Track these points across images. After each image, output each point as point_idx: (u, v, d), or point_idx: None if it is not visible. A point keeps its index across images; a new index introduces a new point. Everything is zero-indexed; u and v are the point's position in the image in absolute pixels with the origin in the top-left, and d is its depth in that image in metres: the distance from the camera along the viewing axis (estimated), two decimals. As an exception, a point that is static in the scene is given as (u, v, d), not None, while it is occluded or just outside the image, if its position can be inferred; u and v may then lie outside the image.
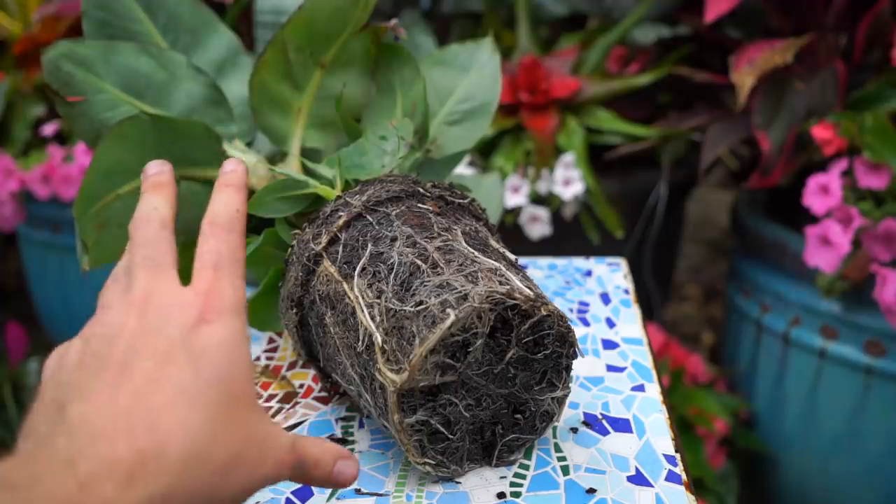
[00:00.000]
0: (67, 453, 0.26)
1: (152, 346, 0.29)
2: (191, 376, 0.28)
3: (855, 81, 1.08)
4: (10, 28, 1.42)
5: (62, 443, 0.26)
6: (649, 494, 0.41)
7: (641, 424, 0.47)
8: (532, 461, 0.43)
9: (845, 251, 0.90)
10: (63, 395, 0.28)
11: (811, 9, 1.11)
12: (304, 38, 0.54)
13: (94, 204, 0.50)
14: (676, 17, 1.30)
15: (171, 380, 0.28)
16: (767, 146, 1.02)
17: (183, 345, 0.29)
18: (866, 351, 0.97)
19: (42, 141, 1.35)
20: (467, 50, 0.63)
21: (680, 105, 1.34)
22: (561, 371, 0.43)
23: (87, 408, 0.27)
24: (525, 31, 1.36)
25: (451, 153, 0.59)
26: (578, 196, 1.15)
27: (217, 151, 0.55)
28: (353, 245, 0.44)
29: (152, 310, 0.30)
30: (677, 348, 1.16)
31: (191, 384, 0.28)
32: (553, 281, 0.67)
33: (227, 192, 0.37)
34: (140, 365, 0.28)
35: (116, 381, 0.28)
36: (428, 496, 0.41)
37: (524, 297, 0.39)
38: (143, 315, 0.30)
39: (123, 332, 0.30)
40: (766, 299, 1.09)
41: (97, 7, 0.58)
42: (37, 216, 1.34)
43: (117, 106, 0.55)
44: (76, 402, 0.27)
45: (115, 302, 0.32)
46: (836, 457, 1.05)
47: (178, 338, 0.29)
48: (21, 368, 1.41)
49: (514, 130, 1.22)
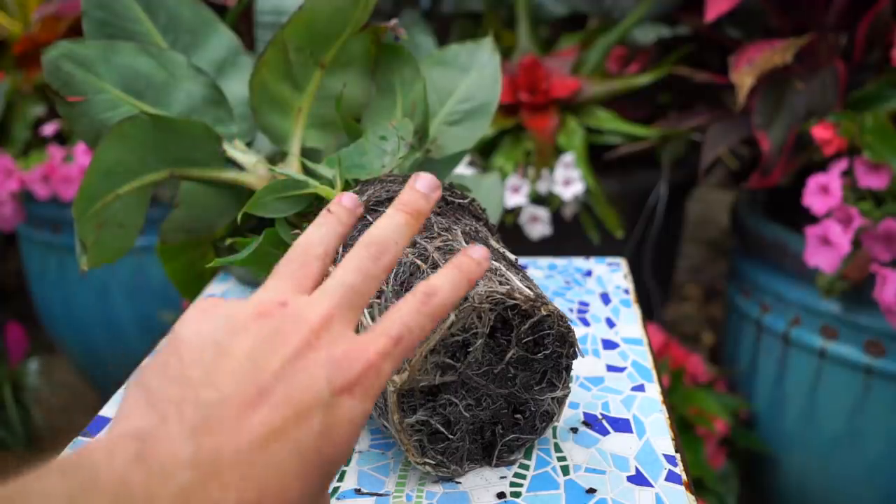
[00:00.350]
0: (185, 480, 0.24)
1: (299, 391, 0.27)
2: (313, 444, 0.27)
3: (855, 81, 1.08)
4: (10, 28, 1.42)
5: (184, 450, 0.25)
6: (649, 494, 0.41)
7: (641, 424, 0.47)
8: (532, 461, 0.43)
9: (845, 251, 0.90)
10: (200, 380, 0.27)
11: (811, 9, 1.11)
12: (304, 38, 0.54)
13: (93, 204, 0.50)
14: (676, 17, 1.30)
15: (297, 439, 0.27)
16: (767, 146, 1.02)
17: (324, 407, 0.27)
18: (866, 351, 0.97)
19: (42, 141, 1.35)
20: (467, 50, 0.63)
21: (680, 105, 1.34)
22: (561, 371, 0.43)
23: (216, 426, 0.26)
24: (525, 31, 1.36)
25: (451, 153, 0.59)
26: (578, 196, 1.15)
27: (217, 151, 0.55)
28: (352, 245, 0.44)
29: (322, 346, 0.29)
30: (677, 348, 1.16)
31: (309, 452, 0.27)
32: (553, 281, 0.67)
33: (460, 277, 0.32)
34: (280, 406, 0.27)
35: (251, 407, 0.27)
36: (428, 496, 0.41)
37: (524, 297, 0.39)
38: (310, 347, 0.28)
39: (284, 351, 0.28)
40: (766, 299, 1.09)
41: (97, 7, 0.58)
42: (37, 216, 1.34)
43: (117, 106, 0.55)
44: (211, 410, 0.26)
45: (298, 305, 0.30)
46: (836, 457, 1.05)
47: (324, 398, 0.28)
48: (21, 368, 1.41)
49: (514, 130, 1.22)
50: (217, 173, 0.56)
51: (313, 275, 0.32)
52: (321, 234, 0.33)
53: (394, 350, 0.29)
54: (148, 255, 1.24)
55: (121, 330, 1.37)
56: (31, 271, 1.43)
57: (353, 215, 0.35)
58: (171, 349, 0.29)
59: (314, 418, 0.27)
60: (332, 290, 0.30)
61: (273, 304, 0.30)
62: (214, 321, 0.29)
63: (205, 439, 0.25)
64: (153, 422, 0.26)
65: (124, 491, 0.23)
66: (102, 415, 0.49)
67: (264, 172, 0.55)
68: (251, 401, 0.27)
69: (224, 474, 0.25)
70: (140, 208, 0.55)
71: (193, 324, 0.29)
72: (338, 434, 0.28)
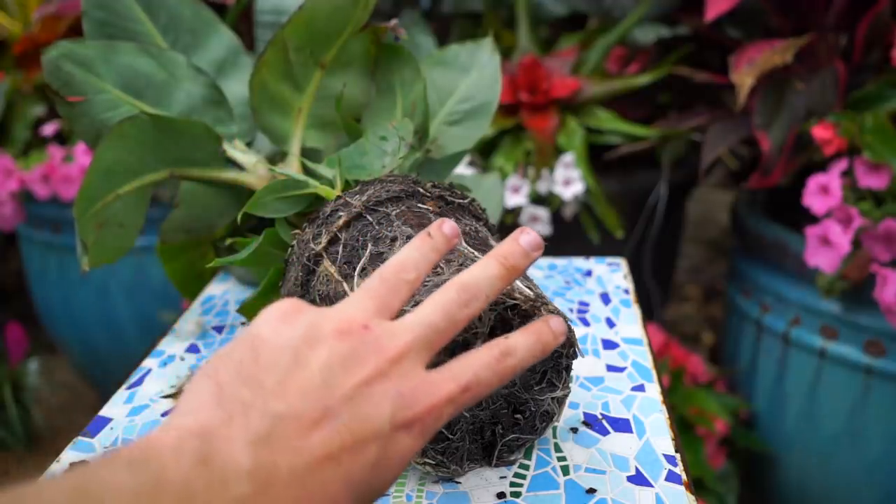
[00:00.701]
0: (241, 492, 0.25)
1: (362, 419, 0.27)
2: (364, 475, 0.27)
3: (855, 81, 1.08)
4: (10, 28, 1.42)
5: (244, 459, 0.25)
6: (649, 494, 0.41)
7: (641, 424, 0.47)
8: (532, 461, 0.43)
9: (845, 251, 0.90)
10: (272, 388, 0.27)
11: (811, 9, 1.11)
12: (304, 38, 0.54)
13: (94, 204, 0.50)
14: (676, 17, 1.30)
15: (350, 467, 0.27)
16: (767, 146, 1.02)
17: (381, 439, 0.28)
18: (866, 351, 0.97)
19: (42, 141, 1.35)
20: (467, 50, 0.63)
21: (680, 105, 1.34)
22: (561, 371, 0.43)
23: (277, 441, 0.26)
24: (525, 31, 1.36)
25: (451, 153, 0.59)
26: (578, 196, 1.15)
27: (217, 151, 0.55)
28: (353, 245, 0.44)
29: (393, 378, 0.29)
30: (677, 348, 1.16)
31: (358, 482, 0.27)
32: (553, 281, 0.67)
33: (536, 344, 0.33)
34: (342, 431, 0.27)
35: (314, 427, 0.27)
36: (428, 496, 0.41)
37: (524, 297, 0.39)
38: (383, 376, 0.28)
39: (357, 376, 0.28)
40: (766, 299, 1.09)
41: (97, 7, 0.58)
42: (37, 216, 1.34)
43: (117, 106, 0.55)
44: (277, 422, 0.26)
45: (380, 332, 0.30)
46: (836, 456, 1.05)
47: (384, 431, 0.28)
48: (21, 368, 1.41)
49: (514, 130, 1.22)
50: (217, 173, 0.56)
51: (400, 299, 0.32)
52: (415, 260, 0.33)
53: (459, 397, 0.30)
54: (148, 255, 1.24)
55: (121, 330, 1.37)
56: (31, 271, 1.43)
57: (449, 245, 0.35)
58: (248, 346, 0.29)
59: (370, 449, 0.27)
60: (415, 325, 0.30)
61: (356, 324, 0.30)
62: (295, 327, 0.29)
63: (264, 451, 0.26)
64: (219, 421, 0.26)
65: (186, 495, 0.24)
66: (102, 415, 0.49)
67: (264, 172, 0.55)
68: (316, 420, 0.27)
69: (277, 491, 0.25)
70: (140, 208, 0.55)
71: (274, 324, 0.30)
72: (388, 468, 0.28)
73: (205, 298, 0.66)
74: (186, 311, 0.64)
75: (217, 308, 0.64)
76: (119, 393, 0.52)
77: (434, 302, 0.31)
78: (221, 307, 0.64)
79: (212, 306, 0.65)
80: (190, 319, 0.62)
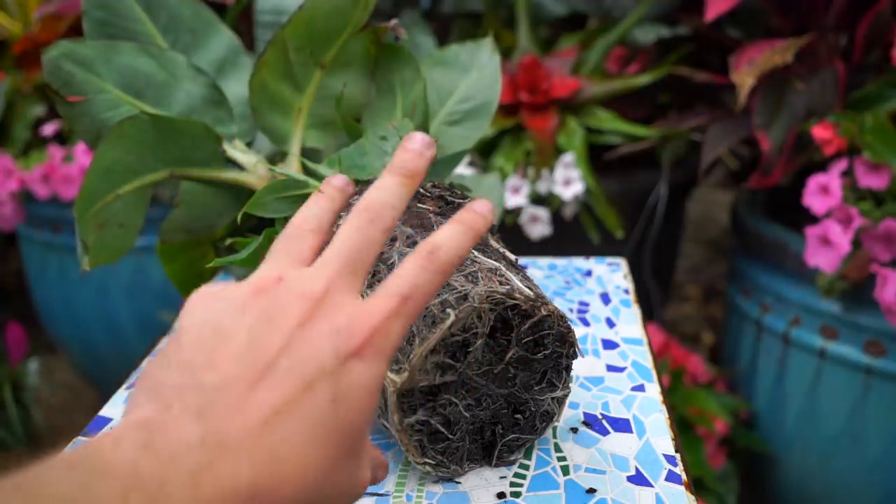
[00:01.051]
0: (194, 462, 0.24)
1: (303, 363, 0.27)
2: (326, 413, 0.27)
3: (855, 81, 1.08)
4: (10, 28, 1.42)
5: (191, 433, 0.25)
6: (649, 494, 0.41)
7: (641, 424, 0.47)
8: (532, 461, 0.43)
9: (845, 251, 0.90)
10: (201, 365, 0.27)
11: (811, 9, 1.11)
12: (304, 38, 0.54)
13: (94, 204, 0.50)
14: (676, 17, 1.30)
15: (306, 411, 0.26)
16: (767, 146, 1.02)
17: (331, 375, 0.27)
18: (866, 351, 0.97)
19: (42, 141, 1.35)
20: (467, 50, 0.63)
21: (680, 105, 1.34)
22: (561, 371, 0.43)
23: (221, 408, 0.26)
24: (525, 31, 1.36)
25: (451, 153, 0.59)
26: (578, 196, 1.16)
27: (217, 151, 0.55)
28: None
29: (325, 316, 0.28)
30: (677, 348, 1.16)
31: (323, 422, 0.27)
32: (553, 281, 0.67)
33: (462, 231, 0.32)
34: (284, 381, 0.26)
35: (255, 385, 0.26)
36: (428, 496, 0.41)
37: (524, 297, 0.39)
38: (312, 318, 0.28)
39: (285, 325, 0.27)
40: (766, 299, 1.09)
41: (97, 7, 0.58)
42: (37, 216, 1.34)
43: (118, 106, 0.55)
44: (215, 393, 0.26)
45: (296, 278, 0.29)
46: (836, 456, 1.05)
47: (330, 365, 0.27)
48: (21, 368, 1.41)
49: (514, 130, 1.22)
50: (217, 173, 0.56)
51: (310, 248, 0.32)
52: (314, 213, 0.33)
53: (402, 309, 0.29)
54: (148, 255, 1.24)
55: (121, 330, 1.37)
56: (31, 271, 1.43)
57: (344, 194, 0.35)
58: (173, 339, 0.28)
59: (321, 388, 0.27)
60: (329, 258, 0.30)
61: (270, 280, 0.29)
62: (213, 306, 0.29)
63: (211, 421, 0.25)
64: (156, 411, 0.26)
65: (134, 476, 0.23)
66: (102, 415, 0.49)
67: (264, 172, 0.55)
68: (255, 379, 0.26)
69: (234, 453, 0.25)
70: (140, 208, 0.55)
71: (193, 312, 0.29)
72: (351, 399, 0.27)
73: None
74: (186, 311, 0.64)
75: (217, 308, 0.64)
76: (119, 393, 0.52)
77: (341, 232, 0.31)
78: (221, 307, 0.64)
79: (212, 306, 0.65)
80: (190, 319, 0.62)
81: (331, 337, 0.28)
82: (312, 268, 0.30)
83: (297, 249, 0.31)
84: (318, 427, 0.26)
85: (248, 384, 0.26)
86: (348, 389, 0.27)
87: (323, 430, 0.27)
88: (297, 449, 0.26)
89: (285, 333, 0.27)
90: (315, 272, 0.29)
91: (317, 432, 0.26)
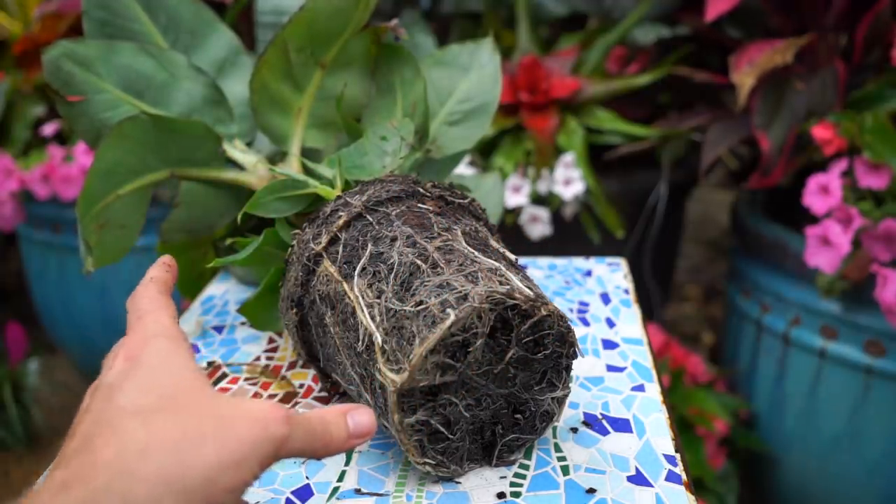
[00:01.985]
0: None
1: (108, 414, 0.31)
2: (136, 392, 0.31)
3: (855, 81, 1.08)
4: (10, 28, 1.42)
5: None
6: (649, 494, 0.41)
7: (641, 424, 0.47)
8: (532, 461, 0.43)
9: (845, 251, 0.90)
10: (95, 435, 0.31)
11: (811, 9, 1.11)
12: (304, 38, 0.54)
13: (95, 204, 0.50)
14: (676, 17, 1.30)
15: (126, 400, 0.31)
16: (767, 146, 1.02)
17: (114, 386, 0.32)
18: (866, 351, 0.97)
19: (42, 141, 1.35)
20: (467, 50, 0.63)
21: (680, 105, 1.34)
22: (561, 371, 0.43)
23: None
24: (525, 31, 1.36)
25: (451, 153, 0.59)
26: (579, 196, 1.16)
27: (217, 151, 0.55)
28: (353, 245, 0.44)
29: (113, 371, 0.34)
30: (677, 348, 1.16)
31: (140, 395, 0.31)
32: (553, 281, 0.67)
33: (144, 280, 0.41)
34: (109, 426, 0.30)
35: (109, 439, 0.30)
36: (428, 496, 0.41)
37: (524, 297, 0.39)
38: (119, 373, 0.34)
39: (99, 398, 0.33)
40: (766, 299, 1.09)
41: (97, 6, 0.58)
42: (37, 216, 1.34)
43: (117, 106, 0.55)
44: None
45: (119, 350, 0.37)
46: (836, 457, 1.05)
47: (113, 383, 0.32)
48: (21, 368, 1.41)
49: (514, 130, 1.22)
50: (217, 173, 0.56)
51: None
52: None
53: (143, 316, 0.40)
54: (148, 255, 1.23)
55: (121, 330, 1.35)
56: (31, 271, 1.43)
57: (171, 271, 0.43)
58: None
59: (119, 393, 0.32)
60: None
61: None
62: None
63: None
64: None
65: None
66: (102, 415, 0.49)
67: (264, 172, 0.56)
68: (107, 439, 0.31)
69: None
70: (141, 208, 0.55)
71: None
72: (148, 361, 0.34)
73: (205, 298, 0.66)
74: (186, 311, 0.64)
75: (217, 308, 0.64)
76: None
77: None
78: (221, 307, 0.64)
79: (212, 306, 0.65)
80: (190, 319, 0.62)
81: (107, 375, 0.35)
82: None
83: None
84: (142, 394, 0.32)
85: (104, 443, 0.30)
86: (139, 363, 0.34)
87: (145, 399, 0.31)
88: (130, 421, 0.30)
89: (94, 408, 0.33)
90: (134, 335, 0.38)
91: (142, 400, 0.31)
